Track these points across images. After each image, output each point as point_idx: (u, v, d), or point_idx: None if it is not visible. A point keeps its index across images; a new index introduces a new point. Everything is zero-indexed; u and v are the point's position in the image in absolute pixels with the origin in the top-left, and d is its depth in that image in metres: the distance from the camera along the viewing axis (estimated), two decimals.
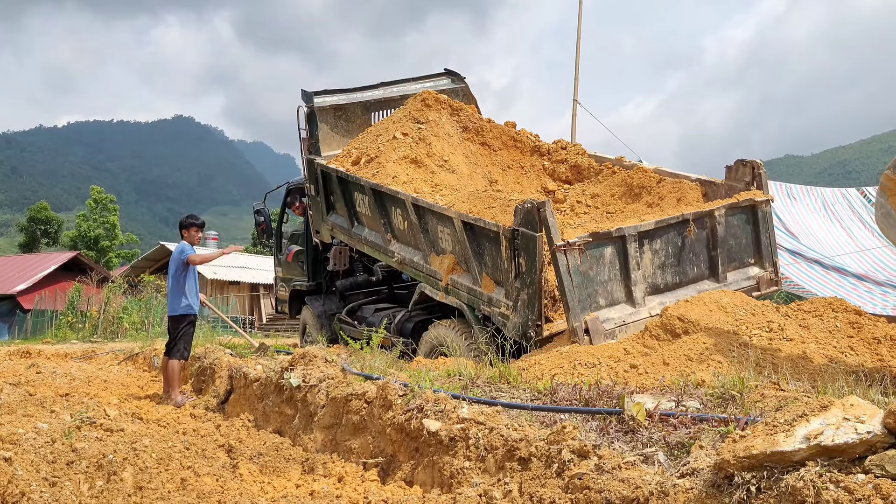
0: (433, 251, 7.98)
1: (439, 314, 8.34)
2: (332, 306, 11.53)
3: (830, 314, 6.22)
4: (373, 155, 9.40)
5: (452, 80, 11.71)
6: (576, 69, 16.00)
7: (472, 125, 10.11)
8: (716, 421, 3.40)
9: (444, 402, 4.41)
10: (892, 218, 5.06)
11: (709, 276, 7.20)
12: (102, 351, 14.16)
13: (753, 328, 5.80)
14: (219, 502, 3.91)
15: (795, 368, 5.14)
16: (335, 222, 10.36)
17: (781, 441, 2.44)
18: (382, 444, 4.76)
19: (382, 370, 5.68)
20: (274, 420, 6.37)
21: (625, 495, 2.90)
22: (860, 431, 2.33)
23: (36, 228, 53.24)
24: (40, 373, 9.56)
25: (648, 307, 6.63)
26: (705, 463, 2.80)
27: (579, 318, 6.13)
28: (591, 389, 4.29)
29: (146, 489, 3.95)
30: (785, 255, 11.93)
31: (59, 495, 3.57)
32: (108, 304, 21.79)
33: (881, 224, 5.24)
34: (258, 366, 7.32)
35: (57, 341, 18.54)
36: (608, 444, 3.38)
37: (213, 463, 4.75)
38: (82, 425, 5.18)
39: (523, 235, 6.40)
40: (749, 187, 7.64)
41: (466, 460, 3.86)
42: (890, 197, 5.07)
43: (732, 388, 4.03)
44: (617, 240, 6.51)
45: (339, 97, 10.81)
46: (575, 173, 9.68)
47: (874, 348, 5.70)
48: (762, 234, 7.56)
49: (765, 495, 2.40)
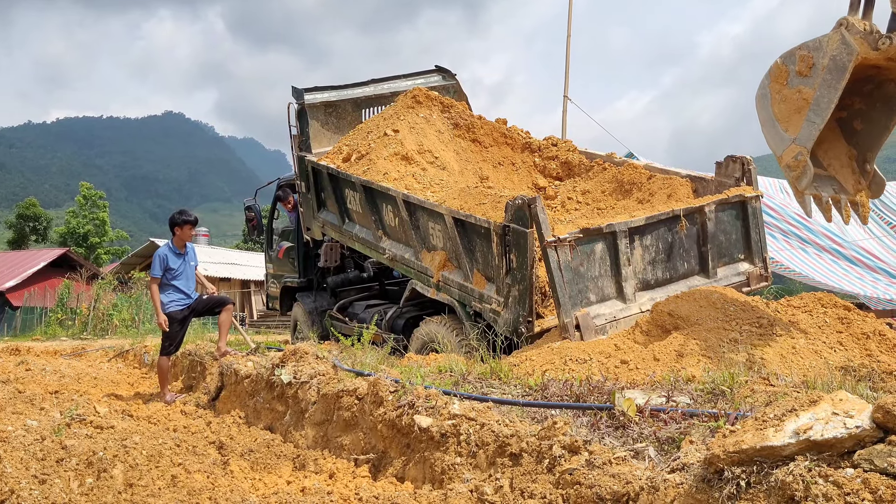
0: (424, 248, 7.98)
1: (430, 311, 8.34)
2: (324, 303, 11.52)
3: (820, 309, 6.25)
4: (363, 152, 9.39)
5: (443, 77, 11.71)
6: (566, 65, 16.01)
7: (462, 122, 10.11)
8: (706, 416, 3.41)
9: (435, 398, 4.41)
10: (766, 99, 5.53)
11: (699, 271, 7.22)
12: (92, 348, 14.12)
13: (743, 324, 5.81)
14: (209, 499, 3.90)
15: (785, 364, 5.16)
16: (326, 219, 10.34)
17: (771, 436, 2.45)
18: (374, 441, 4.76)
19: (374, 366, 5.68)
20: (265, 416, 6.35)
21: (615, 490, 2.91)
22: (849, 426, 2.34)
23: (25, 225, 53.00)
24: (30, 370, 9.52)
25: (639, 303, 6.65)
26: (695, 458, 2.81)
27: (570, 314, 6.14)
28: (582, 385, 4.30)
29: (136, 486, 3.94)
30: (778, 236, 11.99)
31: (49, 493, 3.55)
32: (98, 301, 21.72)
33: (757, 102, 5.64)
34: (249, 362, 7.30)
35: (46, 338, 18.46)
36: (599, 440, 3.39)
37: (203, 460, 4.73)
38: (72, 422, 5.16)
39: (514, 231, 6.40)
40: (739, 183, 7.67)
41: (457, 456, 3.87)
42: (772, 82, 5.46)
43: (722, 384, 4.05)
44: (607, 236, 6.52)
45: (329, 94, 10.78)
46: (566, 170, 9.70)
47: (863, 343, 5.73)
48: (752, 230, 7.59)
49: (754, 490, 2.41)
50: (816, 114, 5.20)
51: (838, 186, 5.79)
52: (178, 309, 7.98)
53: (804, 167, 5.37)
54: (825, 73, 5.08)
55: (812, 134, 5.26)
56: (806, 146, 5.30)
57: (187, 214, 8.26)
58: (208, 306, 8.34)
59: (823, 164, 5.80)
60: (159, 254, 8.01)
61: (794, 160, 5.41)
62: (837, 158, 5.80)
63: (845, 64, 4.95)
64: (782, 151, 5.51)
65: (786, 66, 5.37)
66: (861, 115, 5.61)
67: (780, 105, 5.46)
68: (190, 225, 8.17)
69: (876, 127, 5.57)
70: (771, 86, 5.51)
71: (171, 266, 7.93)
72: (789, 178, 5.58)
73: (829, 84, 5.07)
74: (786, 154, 5.47)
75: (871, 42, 4.85)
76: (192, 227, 8.21)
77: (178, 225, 8.10)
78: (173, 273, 7.96)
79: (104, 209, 50.18)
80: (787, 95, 5.38)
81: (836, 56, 4.99)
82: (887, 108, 5.45)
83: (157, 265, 7.92)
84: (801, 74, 5.25)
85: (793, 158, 5.42)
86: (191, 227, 8.19)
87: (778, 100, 5.47)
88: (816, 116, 5.20)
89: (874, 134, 5.60)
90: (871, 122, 5.59)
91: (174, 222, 8.14)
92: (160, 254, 7.98)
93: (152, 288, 7.91)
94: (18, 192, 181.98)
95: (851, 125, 5.70)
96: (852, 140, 5.73)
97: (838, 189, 5.78)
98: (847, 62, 4.94)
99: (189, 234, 8.19)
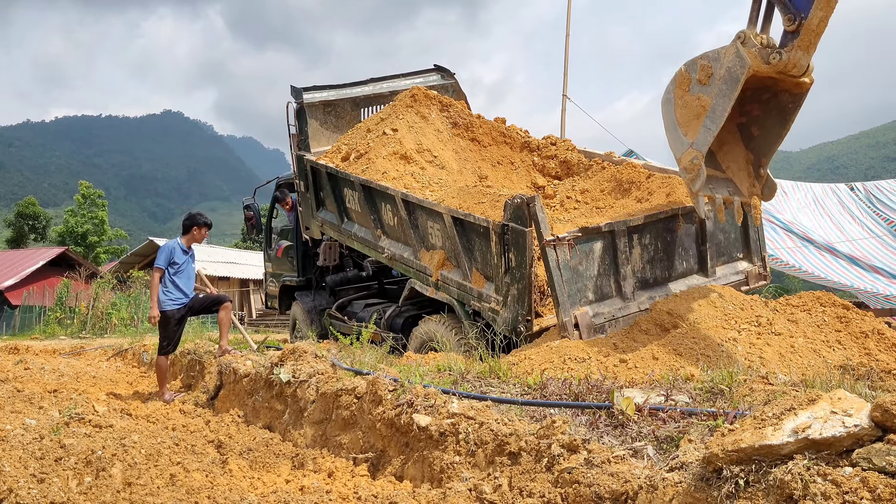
0: (423, 247, 7.98)
1: (429, 309, 8.34)
2: (322, 302, 11.52)
3: (818, 308, 6.26)
4: (362, 151, 9.39)
5: (442, 76, 11.72)
6: (565, 64, 16.00)
7: (461, 121, 10.11)
8: (704, 415, 3.42)
9: (434, 397, 4.41)
10: (670, 104, 5.82)
11: (698, 270, 7.23)
12: (91, 347, 14.11)
13: (742, 322, 5.82)
14: (208, 498, 3.89)
15: (783, 362, 5.17)
16: (325, 218, 10.34)
17: (769, 435, 2.45)
18: (372, 440, 4.76)
19: (372, 365, 5.68)
20: (264, 415, 6.36)
21: (614, 489, 2.91)
22: (847, 425, 2.34)
23: (24, 224, 52.96)
24: (28, 369, 9.51)
25: (638, 302, 6.65)
26: (694, 457, 2.81)
27: (569, 313, 6.14)
28: (581, 384, 4.31)
29: (135, 485, 3.94)
30: (779, 231, 12.01)
31: (48, 492, 3.55)
32: (97, 300, 21.70)
33: (662, 106, 5.93)
34: (248, 361, 7.30)
35: (45, 337, 18.45)
36: (598, 439, 3.39)
37: (202, 458, 4.73)
38: (71, 421, 5.16)
39: (513, 230, 6.40)
40: None
41: (456, 455, 3.87)
42: (676, 87, 5.73)
43: (721, 383, 4.05)
44: (606, 235, 6.53)
45: (328, 93, 10.79)
46: (564, 169, 9.69)
47: (862, 342, 5.74)
48: (751, 229, 7.60)
49: (753, 489, 2.41)
50: (712, 121, 5.50)
51: (734, 188, 6.11)
52: (175, 308, 7.96)
53: (698, 171, 5.66)
54: (721, 83, 5.36)
55: (707, 139, 5.57)
56: (702, 151, 5.60)
57: (207, 217, 8.37)
58: (205, 304, 8.35)
59: (722, 167, 6.10)
60: (168, 246, 8.06)
61: (690, 163, 5.71)
62: (735, 161, 6.10)
63: (738, 76, 5.25)
64: (681, 154, 5.80)
65: (689, 74, 5.64)
66: (758, 122, 5.89)
67: (682, 110, 5.74)
68: (207, 228, 8.28)
69: (770, 134, 5.86)
70: (675, 91, 5.78)
71: (176, 260, 7.98)
72: (685, 179, 5.85)
73: (723, 94, 5.36)
74: (683, 157, 5.75)
75: (764, 56, 5.14)
76: (208, 230, 8.33)
77: (197, 225, 8.17)
78: (176, 268, 7.97)
79: (103, 208, 50.16)
80: (689, 101, 5.66)
81: (730, 68, 5.28)
82: (781, 118, 5.73)
83: (163, 256, 7.97)
84: (700, 83, 5.53)
85: (689, 162, 5.71)
86: (207, 230, 8.30)
87: (680, 105, 5.74)
88: (712, 123, 5.50)
89: (769, 140, 5.91)
90: (766, 129, 5.88)
91: (195, 222, 8.19)
92: (169, 246, 8.04)
93: (154, 278, 7.92)
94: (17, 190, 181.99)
95: (750, 131, 5.98)
96: (750, 145, 6.03)
97: (733, 191, 6.09)
98: (740, 74, 5.23)
99: (203, 237, 8.27)
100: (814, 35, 5.07)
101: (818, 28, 5.03)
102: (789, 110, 5.66)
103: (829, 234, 13.41)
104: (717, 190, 6.02)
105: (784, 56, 5.11)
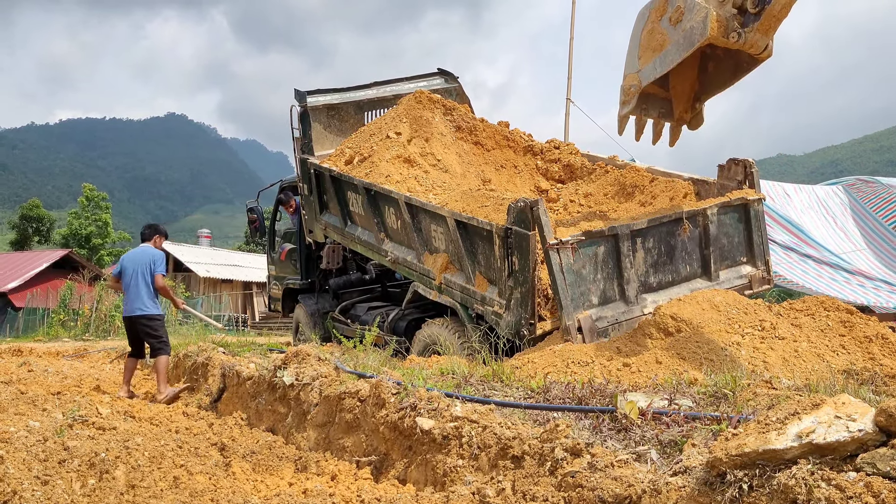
0: (426, 250, 7.98)
1: (432, 313, 8.34)
2: (326, 305, 11.52)
3: (822, 313, 6.24)
4: (366, 154, 9.40)
5: (446, 80, 11.73)
6: (569, 67, 16.03)
7: (465, 124, 10.11)
8: (708, 419, 3.41)
9: (437, 400, 4.41)
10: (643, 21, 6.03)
11: (701, 274, 7.22)
12: (94, 349, 14.13)
13: (746, 327, 5.81)
14: (212, 500, 3.90)
15: (787, 367, 5.16)
16: (328, 221, 10.35)
17: (773, 439, 2.45)
18: (375, 443, 4.76)
19: (376, 368, 5.68)
20: (267, 418, 6.36)
21: (617, 493, 2.91)
22: (852, 430, 2.34)
23: (28, 226, 53.07)
24: (32, 371, 9.53)
25: (641, 305, 6.64)
26: (698, 461, 2.81)
27: (572, 317, 6.13)
28: (584, 388, 4.30)
29: (138, 487, 3.94)
30: (778, 250, 12.00)
31: (51, 494, 3.56)
32: (100, 303, 21.74)
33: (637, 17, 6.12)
34: (251, 364, 7.31)
35: (49, 339, 18.48)
36: (601, 443, 3.39)
37: (205, 461, 4.74)
38: (74, 423, 5.17)
39: (516, 234, 6.40)
40: (741, 186, 7.67)
41: (459, 458, 3.87)
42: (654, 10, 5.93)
43: (725, 387, 4.05)
44: (610, 238, 6.52)
45: (332, 97, 10.80)
46: (568, 172, 9.70)
47: (866, 347, 5.72)
48: (754, 233, 7.59)
49: (757, 493, 2.41)
50: (661, 63, 5.77)
51: (667, 110, 6.41)
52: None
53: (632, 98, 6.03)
54: (681, 35, 5.54)
55: (651, 76, 5.88)
56: (642, 82, 5.92)
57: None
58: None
59: (669, 84, 6.31)
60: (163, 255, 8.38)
61: (629, 88, 6.05)
62: (682, 84, 6.32)
63: (694, 41, 5.43)
64: (627, 73, 6.11)
65: (666, 6, 5.79)
66: (718, 61, 6.01)
67: (648, 36, 5.95)
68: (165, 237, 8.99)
69: (719, 78, 6.08)
70: (651, 13, 5.95)
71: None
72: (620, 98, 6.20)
73: (679, 47, 5.57)
74: (627, 79, 6.07)
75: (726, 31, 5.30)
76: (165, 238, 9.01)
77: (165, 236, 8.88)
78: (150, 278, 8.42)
79: (107, 210, 50.26)
80: (655, 30, 5.85)
81: (693, 28, 5.43)
82: (734, 70, 5.92)
83: (165, 264, 8.36)
84: (670, 21, 5.70)
85: (629, 85, 6.03)
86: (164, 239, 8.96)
87: (649, 29, 5.94)
88: (661, 65, 5.78)
89: (716, 83, 6.13)
90: (719, 72, 6.07)
91: (165, 234, 8.91)
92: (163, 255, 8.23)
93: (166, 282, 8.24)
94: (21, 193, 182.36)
95: (707, 64, 6.14)
96: (701, 77, 6.24)
97: (664, 113, 6.41)
98: (696, 39, 5.41)
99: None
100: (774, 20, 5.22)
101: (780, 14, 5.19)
102: (743, 69, 5.83)
103: (833, 238, 13.36)
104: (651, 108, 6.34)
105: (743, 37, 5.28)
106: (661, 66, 5.77)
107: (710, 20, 5.27)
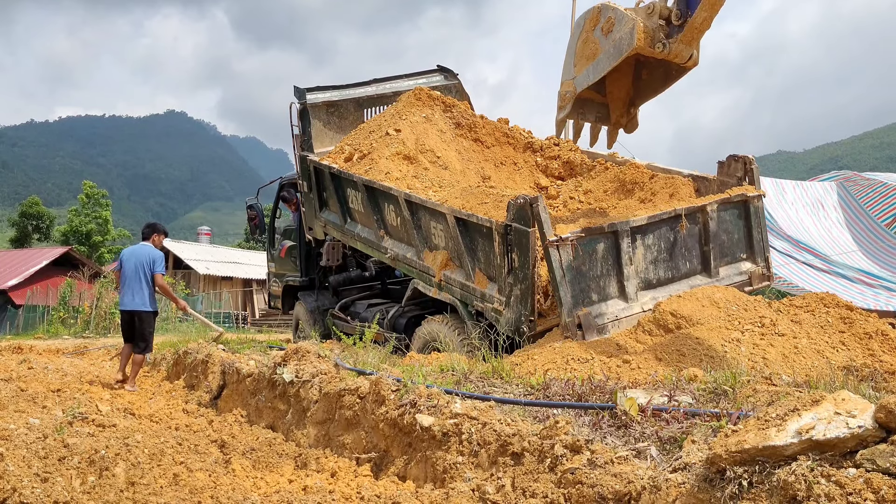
0: (426, 247, 7.98)
1: (432, 310, 8.34)
2: (325, 302, 11.52)
3: (822, 309, 6.24)
4: (365, 151, 9.39)
5: (445, 77, 11.72)
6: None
7: (464, 121, 10.11)
8: (708, 416, 3.41)
9: (437, 397, 4.41)
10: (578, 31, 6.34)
11: (701, 271, 7.22)
12: (94, 346, 14.12)
13: (745, 323, 5.81)
14: (211, 497, 3.90)
15: (787, 363, 5.16)
16: (328, 219, 10.35)
17: (773, 436, 2.44)
18: (375, 440, 4.76)
19: (375, 365, 5.68)
20: (267, 415, 6.36)
21: (617, 490, 2.91)
22: (851, 426, 2.33)
23: (27, 223, 53.05)
24: (32, 368, 9.52)
25: (641, 302, 6.64)
26: (697, 457, 2.81)
27: (572, 314, 6.13)
28: (584, 384, 4.30)
29: (138, 484, 3.94)
30: (777, 256, 12.00)
31: (51, 491, 3.56)
32: (101, 300, 21.70)
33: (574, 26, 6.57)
34: (251, 361, 7.30)
35: (48, 337, 18.46)
36: (601, 439, 3.39)
37: (205, 458, 4.74)
38: (74, 421, 5.17)
39: (516, 231, 6.40)
40: (741, 183, 7.66)
41: (459, 455, 3.87)
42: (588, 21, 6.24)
43: (724, 384, 4.05)
44: (609, 235, 6.52)
45: (331, 94, 10.80)
46: (567, 169, 9.70)
47: (865, 343, 5.72)
48: (754, 230, 7.58)
49: (756, 489, 2.41)
50: (594, 71, 6.09)
51: (604, 114, 6.76)
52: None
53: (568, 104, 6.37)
54: (611, 45, 5.85)
55: (585, 83, 6.22)
56: (577, 88, 6.26)
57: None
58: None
59: (606, 89, 6.62)
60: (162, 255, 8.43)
61: (564, 94, 6.39)
62: (618, 90, 6.64)
63: (622, 50, 5.74)
64: (564, 80, 6.46)
65: (599, 17, 6.09)
66: (650, 68, 6.35)
67: (582, 45, 6.26)
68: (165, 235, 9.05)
69: (651, 86, 6.46)
70: (586, 23, 6.25)
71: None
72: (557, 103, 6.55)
73: (609, 56, 5.89)
74: (564, 85, 6.42)
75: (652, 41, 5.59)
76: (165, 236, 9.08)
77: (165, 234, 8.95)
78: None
79: (106, 208, 50.24)
80: (589, 40, 6.16)
81: (621, 38, 5.73)
82: (664, 77, 6.28)
83: (165, 263, 8.44)
84: (602, 31, 6.00)
85: (565, 92, 6.37)
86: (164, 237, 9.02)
87: (583, 38, 6.24)
88: (593, 73, 6.11)
89: (649, 89, 6.51)
90: (651, 79, 6.42)
91: (165, 233, 8.96)
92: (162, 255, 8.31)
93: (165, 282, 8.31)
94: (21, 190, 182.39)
95: (641, 72, 6.47)
96: (636, 83, 6.57)
97: (601, 117, 6.75)
98: (624, 49, 5.72)
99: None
100: (696, 32, 5.48)
101: (701, 26, 5.43)
102: (672, 76, 6.17)
103: (829, 237, 13.35)
104: (588, 113, 6.68)
105: (668, 47, 5.56)
106: (594, 73, 6.08)
107: (637, 31, 5.54)
